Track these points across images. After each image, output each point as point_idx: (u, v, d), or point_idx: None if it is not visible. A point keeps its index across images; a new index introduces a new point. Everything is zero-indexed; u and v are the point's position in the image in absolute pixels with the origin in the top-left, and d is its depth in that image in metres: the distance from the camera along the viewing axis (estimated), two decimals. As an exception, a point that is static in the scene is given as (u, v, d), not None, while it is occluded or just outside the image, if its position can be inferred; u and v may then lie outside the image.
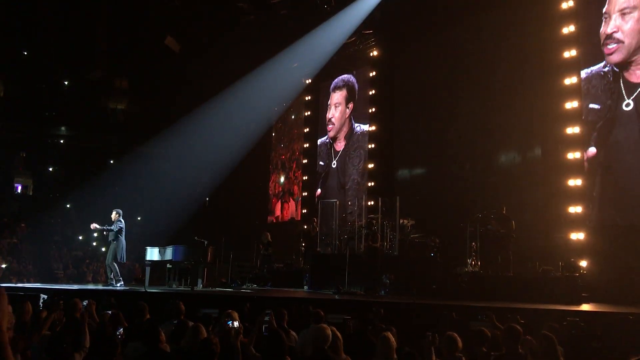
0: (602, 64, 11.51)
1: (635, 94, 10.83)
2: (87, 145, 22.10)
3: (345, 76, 18.72)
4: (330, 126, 18.80)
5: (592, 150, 11.45)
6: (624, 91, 11.03)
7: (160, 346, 4.61)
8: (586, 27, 11.90)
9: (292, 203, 19.99)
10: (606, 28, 11.42)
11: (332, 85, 19.15)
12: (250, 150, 19.77)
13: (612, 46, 11.27)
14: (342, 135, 18.42)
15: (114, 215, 12.74)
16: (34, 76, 19.93)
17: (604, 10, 11.54)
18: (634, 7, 11.04)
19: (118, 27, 17.57)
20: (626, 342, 6.28)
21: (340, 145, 18.42)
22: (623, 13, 11.20)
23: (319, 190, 18.83)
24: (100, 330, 5.38)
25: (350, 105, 18.26)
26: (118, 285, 12.44)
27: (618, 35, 11.19)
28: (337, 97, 18.81)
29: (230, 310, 5.40)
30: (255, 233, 16.42)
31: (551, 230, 11.98)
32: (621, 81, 11.09)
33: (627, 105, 10.93)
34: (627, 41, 11.06)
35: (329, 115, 18.99)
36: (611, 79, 11.29)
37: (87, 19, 17.70)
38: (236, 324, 4.88)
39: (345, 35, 16.22)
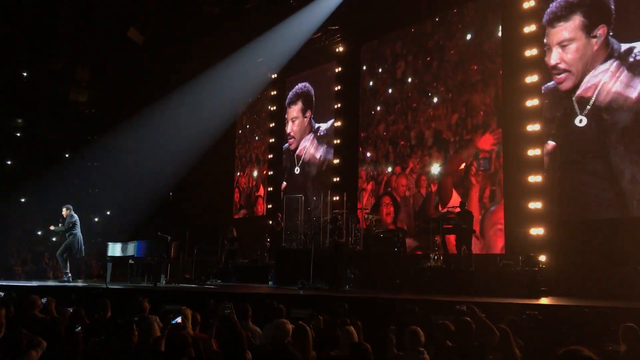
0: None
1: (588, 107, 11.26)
2: (46, 137, 21.51)
3: (298, 87, 18.83)
4: (290, 140, 18.93)
5: (551, 143, 11.83)
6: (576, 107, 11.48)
7: (133, 344, 4.54)
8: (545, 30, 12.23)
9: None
10: (549, 59, 11.97)
11: (287, 100, 19.27)
12: (215, 143, 19.57)
13: (560, 76, 11.78)
14: (302, 142, 18.52)
15: (64, 212, 12.63)
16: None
17: (544, 41, 12.13)
18: (571, 40, 11.64)
19: (80, 18, 17.13)
20: (582, 334, 6.47)
21: (301, 151, 18.46)
22: (562, 45, 11.76)
23: (284, 184, 18.84)
24: (58, 328, 5.26)
25: (308, 113, 18.39)
26: (65, 278, 12.32)
27: (562, 66, 11.74)
28: (294, 111, 18.99)
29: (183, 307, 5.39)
30: (220, 228, 16.30)
31: (512, 225, 12.25)
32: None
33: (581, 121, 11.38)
34: (573, 70, 11.57)
35: (287, 129, 19.12)
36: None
37: (48, 7, 17.19)
38: (179, 319, 4.92)
39: (311, 30, 16.21)
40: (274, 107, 19.92)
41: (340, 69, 17.41)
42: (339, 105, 17.19)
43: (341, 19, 16.02)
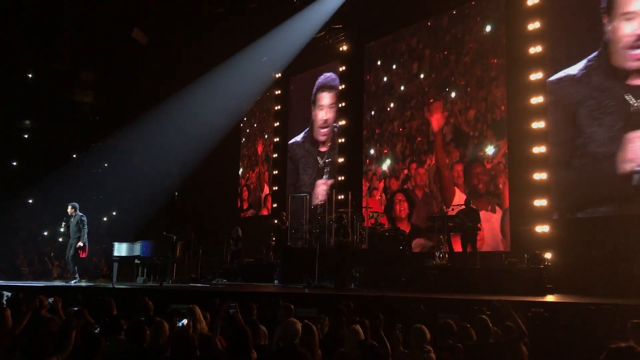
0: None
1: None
2: (51, 138, 21.61)
3: (330, 75, 18.10)
4: (325, 129, 17.87)
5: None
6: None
7: (145, 344, 4.55)
8: (551, 25, 12.16)
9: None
10: None
11: (319, 85, 18.44)
12: (220, 143, 19.60)
13: None
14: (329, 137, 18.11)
15: (73, 210, 12.35)
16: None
17: (627, 9, 10.71)
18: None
19: (84, 19, 17.18)
20: (588, 331, 6.46)
21: (325, 147, 18.04)
22: None
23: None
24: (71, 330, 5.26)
25: (334, 107, 17.88)
26: (72, 282, 12.19)
27: None
28: (328, 98, 18.05)
29: (192, 306, 5.40)
30: (225, 228, 16.32)
31: (517, 222, 12.21)
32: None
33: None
34: None
35: (323, 117, 18.02)
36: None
37: (52, 9, 17.25)
38: (185, 321, 4.94)
39: (315, 29, 16.21)
40: (279, 107, 19.93)
41: (344, 67, 17.39)
42: (344, 104, 17.18)
43: (345, 17, 16.00)
